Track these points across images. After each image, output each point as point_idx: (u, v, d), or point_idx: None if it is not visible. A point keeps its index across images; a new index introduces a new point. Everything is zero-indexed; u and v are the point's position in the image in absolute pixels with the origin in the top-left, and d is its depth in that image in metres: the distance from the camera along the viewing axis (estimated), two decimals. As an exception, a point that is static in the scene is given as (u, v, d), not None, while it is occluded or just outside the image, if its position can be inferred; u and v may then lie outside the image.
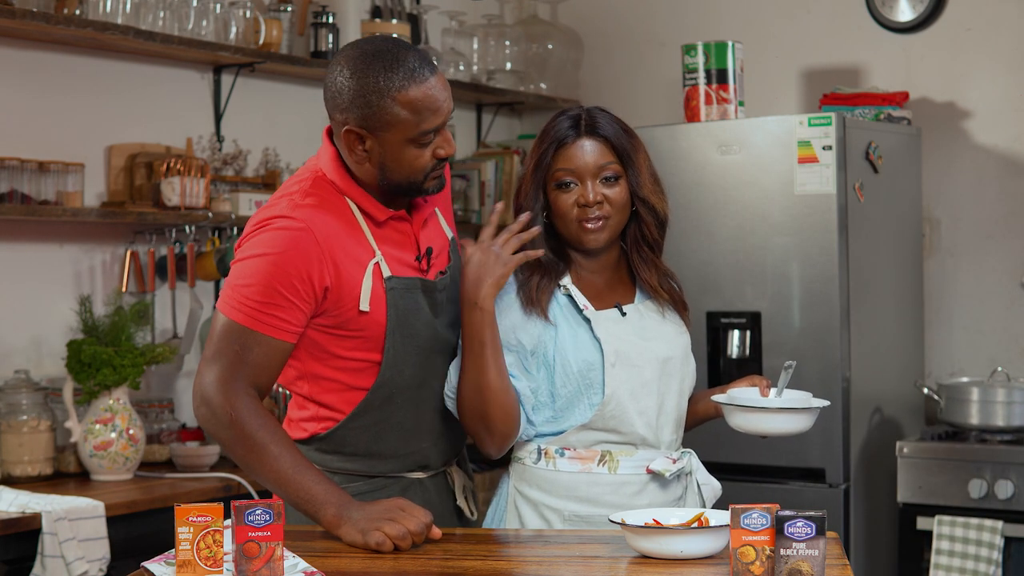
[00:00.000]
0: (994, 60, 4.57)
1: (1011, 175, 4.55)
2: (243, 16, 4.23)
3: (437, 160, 2.42)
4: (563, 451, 2.46)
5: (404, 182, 2.42)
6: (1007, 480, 3.97)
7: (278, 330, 2.34)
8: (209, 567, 2.01)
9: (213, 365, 2.34)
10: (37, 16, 3.59)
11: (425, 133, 2.37)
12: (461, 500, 2.62)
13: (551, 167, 2.49)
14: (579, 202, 2.47)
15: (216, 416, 2.33)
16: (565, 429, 2.45)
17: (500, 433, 2.43)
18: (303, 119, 4.67)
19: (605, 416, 2.44)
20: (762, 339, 4.10)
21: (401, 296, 2.44)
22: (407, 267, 2.48)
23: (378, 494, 2.47)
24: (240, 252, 2.40)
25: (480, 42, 5.16)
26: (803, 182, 4.05)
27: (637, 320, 2.52)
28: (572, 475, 2.46)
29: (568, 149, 2.48)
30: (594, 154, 2.47)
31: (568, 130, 2.48)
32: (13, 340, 3.83)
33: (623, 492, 2.46)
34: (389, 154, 2.39)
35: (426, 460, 2.56)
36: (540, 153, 2.49)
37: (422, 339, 2.48)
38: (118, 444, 3.66)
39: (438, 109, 2.37)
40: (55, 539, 3.18)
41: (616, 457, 2.46)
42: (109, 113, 4.08)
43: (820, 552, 1.93)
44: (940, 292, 4.65)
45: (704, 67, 4.31)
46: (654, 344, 2.51)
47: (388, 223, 2.47)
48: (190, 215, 4.02)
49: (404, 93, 2.34)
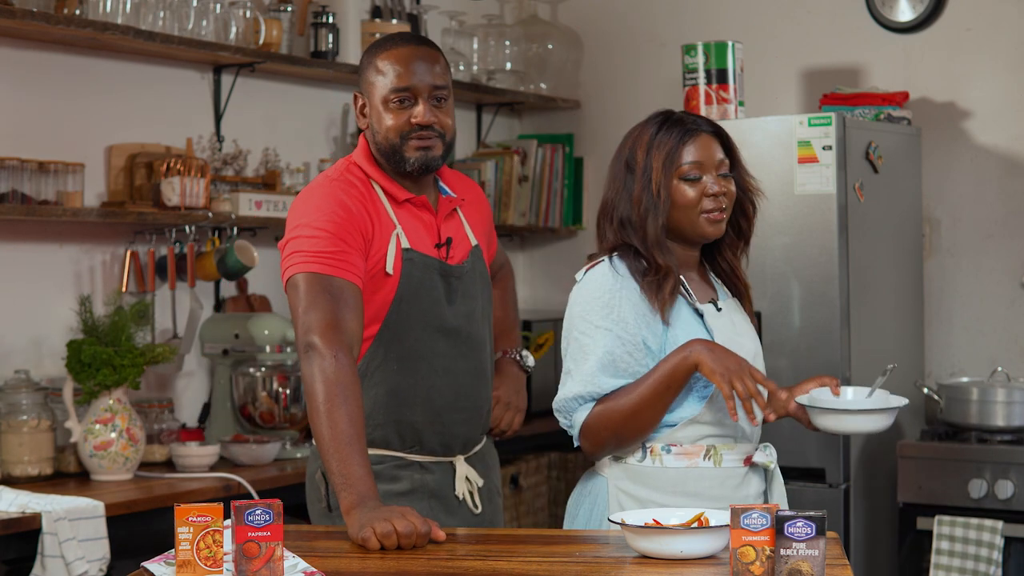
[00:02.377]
0: (994, 60, 4.57)
1: (1011, 175, 4.55)
2: (243, 16, 4.23)
3: (416, 127, 2.63)
4: (669, 448, 2.53)
5: (386, 145, 2.66)
6: (1007, 480, 3.97)
7: (351, 274, 2.53)
8: (209, 567, 2.01)
9: (312, 312, 2.46)
10: (37, 16, 3.59)
11: (396, 91, 2.62)
12: (462, 490, 2.72)
13: (678, 160, 2.54)
14: (706, 192, 2.54)
15: (319, 360, 2.41)
16: (676, 422, 2.51)
17: (625, 450, 2.54)
18: (303, 119, 4.67)
19: (714, 408, 2.51)
20: (762, 339, 4.08)
21: (416, 268, 2.64)
22: (427, 248, 2.68)
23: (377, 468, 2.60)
24: (291, 221, 2.61)
25: (480, 42, 5.16)
26: (803, 182, 4.05)
27: (728, 316, 2.63)
28: (679, 470, 2.53)
29: (692, 143, 2.56)
30: (715, 148, 2.58)
31: (691, 124, 2.57)
32: (13, 340, 3.83)
33: (727, 484, 2.54)
34: (374, 115, 2.67)
35: (419, 439, 2.69)
36: (670, 147, 2.55)
37: (429, 315, 2.64)
38: (118, 444, 3.65)
39: (408, 72, 2.62)
40: (55, 539, 3.18)
41: (720, 451, 2.54)
42: (109, 113, 4.08)
43: (820, 552, 1.93)
44: (940, 292, 4.65)
45: (704, 67, 4.31)
46: (745, 340, 2.62)
47: (408, 207, 2.69)
48: (190, 215, 4.02)
49: (380, 56, 2.65)
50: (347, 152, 4.77)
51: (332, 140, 4.77)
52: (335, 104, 4.76)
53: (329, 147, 4.76)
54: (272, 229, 4.39)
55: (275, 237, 4.44)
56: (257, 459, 3.89)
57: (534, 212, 5.24)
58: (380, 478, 2.66)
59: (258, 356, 4.08)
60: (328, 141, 4.76)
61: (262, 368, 4.06)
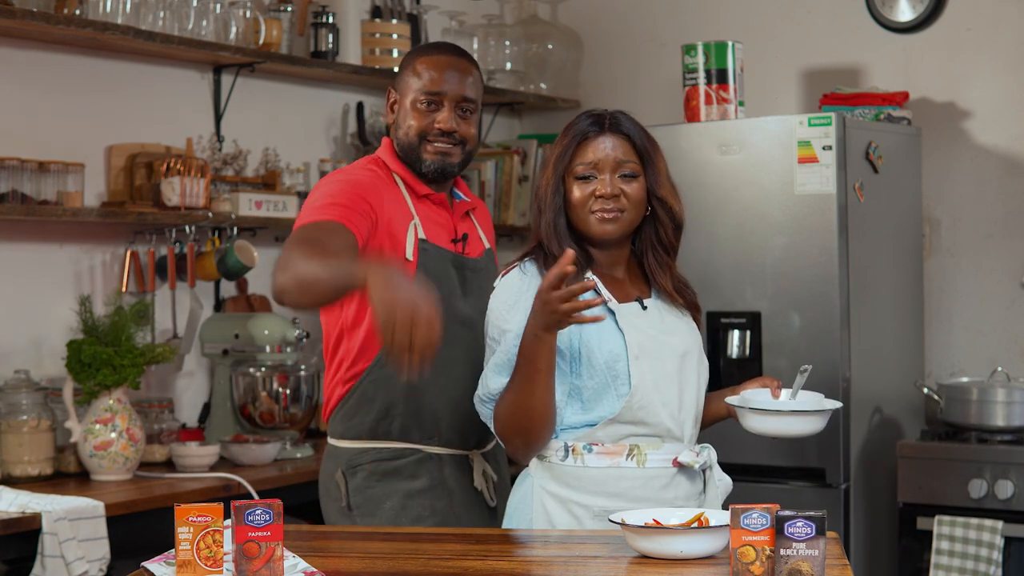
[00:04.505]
0: (994, 60, 4.57)
1: (1011, 175, 4.55)
2: (243, 16, 4.23)
3: (437, 132, 2.75)
4: (591, 447, 2.49)
5: (406, 143, 2.78)
6: (1007, 480, 3.97)
7: (351, 223, 2.59)
8: (209, 567, 2.01)
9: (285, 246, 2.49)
10: (37, 16, 3.59)
11: (426, 93, 2.75)
12: (480, 482, 2.79)
13: (572, 160, 2.55)
14: (596, 193, 2.52)
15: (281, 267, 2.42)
16: (596, 421, 2.48)
17: (537, 446, 2.50)
18: (303, 119, 4.67)
19: (633, 408, 2.47)
20: (762, 339, 4.10)
21: (431, 259, 2.73)
22: (443, 241, 2.79)
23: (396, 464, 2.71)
24: (304, 206, 2.69)
25: (480, 42, 5.15)
26: (803, 182, 4.05)
27: (656, 314, 2.57)
28: (601, 470, 2.48)
29: (590, 143, 2.55)
30: (615, 149, 2.54)
31: (591, 126, 2.56)
32: (13, 340, 3.83)
33: (651, 486, 2.49)
34: (402, 112, 2.80)
35: (437, 428, 2.74)
36: (563, 146, 2.56)
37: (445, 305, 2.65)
38: (118, 444, 3.65)
39: (440, 78, 2.75)
40: (55, 539, 3.18)
41: (644, 451, 2.49)
42: (109, 113, 4.08)
43: (820, 552, 1.93)
44: (940, 292, 4.65)
45: (704, 67, 4.31)
46: (673, 338, 2.56)
47: (427, 202, 2.79)
48: (190, 215, 4.02)
49: (420, 59, 2.80)
50: (347, 152, 4.77)
51: (332, 140, 4.78)
52: (335, 104, 4.76)
53: (329, 147, 4.76)
54: (272, 229, 4.39)
55: (275, 237, 4.45)
56: (257, 459, 3.89)
57: (534, 212, 5.24)
58: (399, 475, 2.72)
59: (258, 356, 4.09)
60: (328, 141, 4.76)
61: (262, 368, 4.06)
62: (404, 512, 2.73)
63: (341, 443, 2.81)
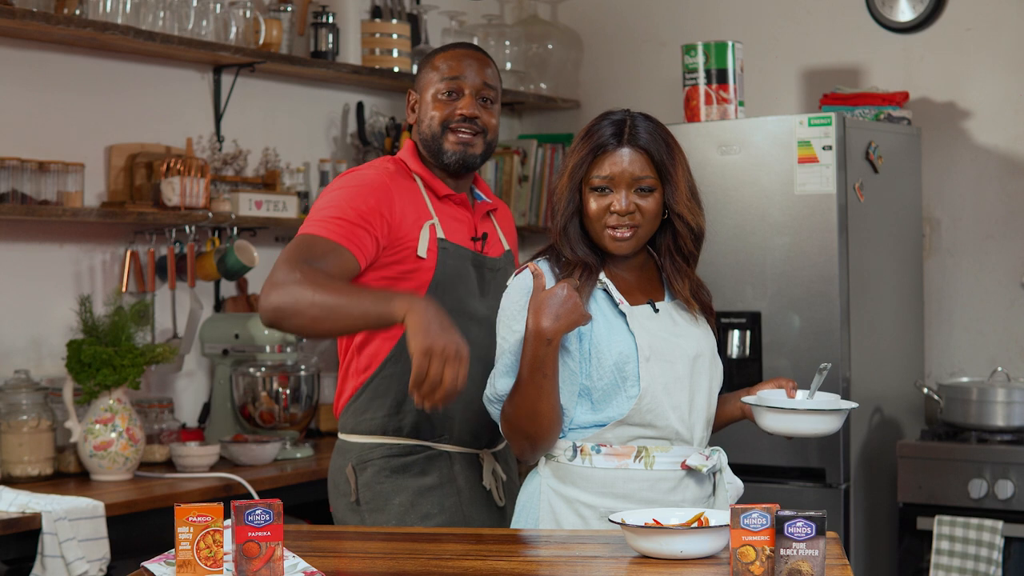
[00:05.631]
0: (994, 60, 4.57)
1: (1011, 175, 4.55)
2: (243, 16, 4.23)
3: (460, 118, 2.76)
4: (599, 448, 2.48)
5: (428, 135, 2.79)
6: (1007, 480, 3.97)
7: (351, 244, 2.60)
8: (209, 567, 2.01)
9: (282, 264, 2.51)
10: (37, 16, 3.59)
11: (446, 80, 2.77)
12: (489, 481, 2.80)
13: (589, 171, 2.51)
14: (611, 208, 2.49)
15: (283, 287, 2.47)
16: (605, 422, 2.47)
17: (543, 447, 2.50)
18: (303, 119, 4.67)
19: (642, 410, 2.46)
20: (762, 339, 4.10)
21: (451, 257, 2.75)
22: (463, 241, 2.80)
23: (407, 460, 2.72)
24: (323, 192, 2.73)
25: (480, 42, 5.15)
26: (803, 182, 4.05)
27: (669, 317, 2.56)
28: (608, 471, 2.47)
29: (608, 156, 2.50)
30: (632, 164, 2.50)
31: (610, 137, 2.51)
32: (13, 340, 3.83)
33: (659, 488, 2.48)
34: (423, 108, 2.82)
35: (449, 426, 2.75)
36: (580, 156, 2.52)
37: (462, 303, 2.73)
38: (118, 444, 3.65)
39: (459, 67, 2.78)
40: (55, 539, 3.18)
41: (652, 453, 2.48)
42: (109, 113, 4.08)
43: (820, 552, 1.93)
44: (940, 292, 4.65)
45: (704, 67, 4.32)
46: (685, 341, 2.54)
47: (448, 202, 2.81)
48: (190, 215, 4.02)
49: (438, 56, 2.83)
50: (347, 152, 4.78)
51: (332, 140, 4.78)
52: (335, 104, 4.76)
53: (329, 147, 4.76)
54: (272, 229, 4.39)
55: (275, 237, 4.46)
56: (257, 459, 3.89)
57: (534, 212, 5.24)
58: (410, 471, 2.72)
59: (258, 356, 4.09)
60: (328, 141, 4.76)
61: (262, 368, 4.06)
62: (413, 509, 2.73)
63: (352, 438, 2.81)
